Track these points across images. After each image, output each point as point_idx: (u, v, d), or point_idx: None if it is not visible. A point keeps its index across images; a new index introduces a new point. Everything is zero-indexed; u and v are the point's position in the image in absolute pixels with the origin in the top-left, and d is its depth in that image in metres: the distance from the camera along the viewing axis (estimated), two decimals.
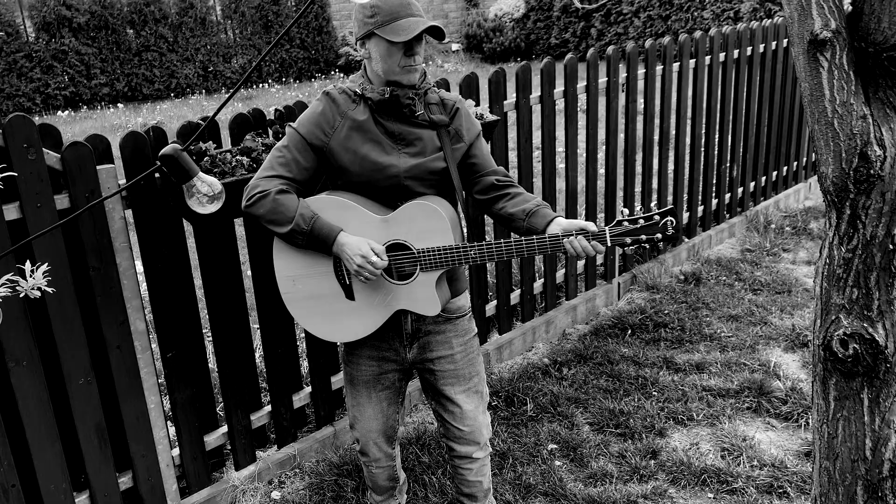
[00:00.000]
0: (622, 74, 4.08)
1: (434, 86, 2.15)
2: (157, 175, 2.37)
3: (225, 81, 15.82)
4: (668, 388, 3.44)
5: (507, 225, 2.13)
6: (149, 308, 3.51)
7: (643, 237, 1.95)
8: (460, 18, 18.01)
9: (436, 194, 2.11)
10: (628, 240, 1.96)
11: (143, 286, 3.92)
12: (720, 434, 3.11)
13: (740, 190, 5.29)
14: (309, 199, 2.05)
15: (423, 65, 2.09)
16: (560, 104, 5.95)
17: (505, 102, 3.46)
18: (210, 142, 2.38)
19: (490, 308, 3.75)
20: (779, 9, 13.04)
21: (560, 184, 5.19)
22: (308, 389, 3.06)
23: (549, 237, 1.97)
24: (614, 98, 4.03)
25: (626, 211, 1.98)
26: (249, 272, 2.75)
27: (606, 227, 1.95)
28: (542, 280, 3.97)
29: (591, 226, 1.96)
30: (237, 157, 2.38)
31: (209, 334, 3.80)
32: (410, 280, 2.05)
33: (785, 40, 5.25)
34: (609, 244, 1.96)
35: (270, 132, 2.58)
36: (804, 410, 3.18)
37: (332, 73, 17.34)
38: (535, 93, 3.64)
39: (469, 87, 3.25)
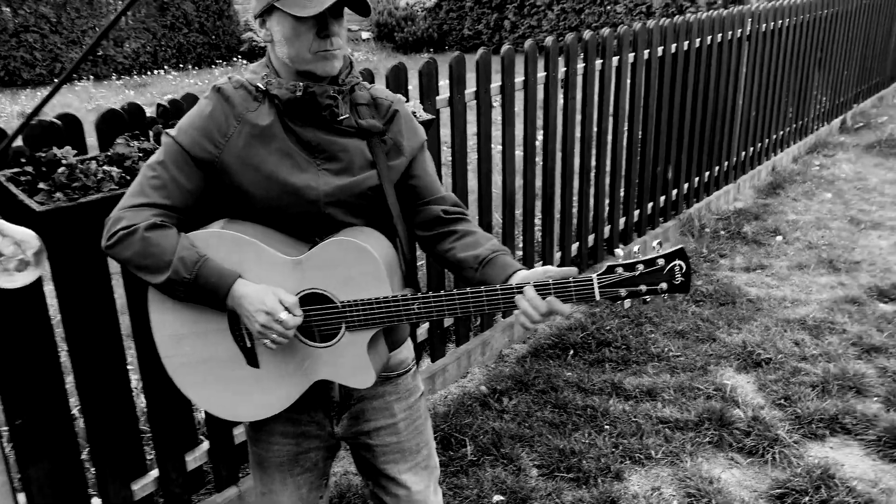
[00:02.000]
0: (561, 69, 3.70)
1: (363, 80, 1.66)
2: None
3: (116, 67, 14.68)
4: (621, 419, 3.08)
5: (452, 271, 1.65)
6: None
7: (643, 288, 1.48)
8: (370, 6, 17.40)
9: (366, 224, 1.64)
10: (623, 291, 1.49)
11: None
12: (682, 475, 2.76)
13: (674, 192, 5.03)
14: (194, 233, 1.53)
15: (347, 50, 1.60)
16: (496, 101, 5.53)
17: (437, 98, 3.00)
18: (67, 146, 1.82)
19: (422, 332, 3.30)
20: (690, 4, 13.11)
21: (496, 187, 4.77)
22: (205, 445, 2.52)
23: (516, 288, 1.49)
24: (553, 95, 3.64)
25: (620, 252, 1.52)
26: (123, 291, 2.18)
27: (594, 276, 1.48)
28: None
29: (572, 272, 1.51)
30: (105, 168, 1.83)
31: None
32: (334, 342, 1.56)
33: (720, 35, 5.01)
34: (598, 298, 1.50)
35: (151, 134, 2.02)
36: (770, 444, 2.89)
37: (235, 59, 16.42)
38: (471, 88, 3.20)
39: (397, 80, 2.78)
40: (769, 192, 6.06)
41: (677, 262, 1.48)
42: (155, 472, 2.38)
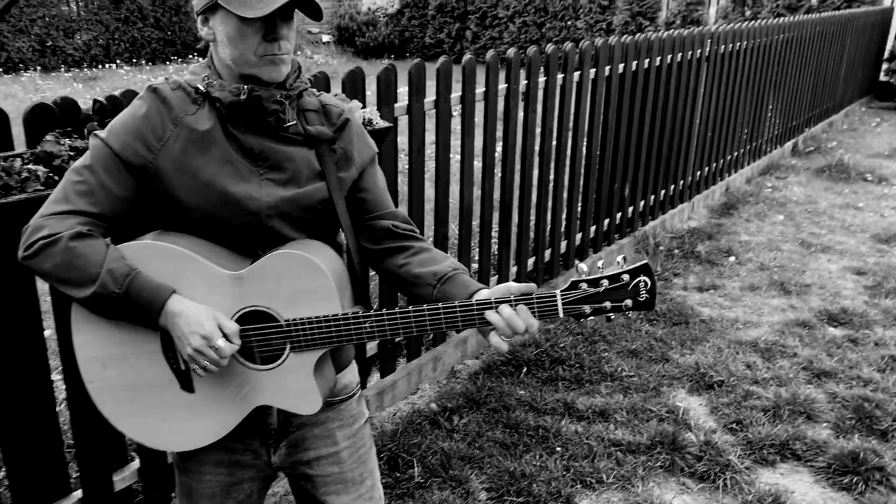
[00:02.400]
0: (522, 81, 3.64)
1: (312, 85, 1.55)
2: None
3: (66, 59, 14.23)
4: (573, 441, 3.02)
5: (405, 288, 1.54)
6: None
7: (607, 304, 1.41)
8: (332, 9, 17.24)
9: (314, 237, 1.53)
10: (587, 308, 1.42)
11: None
12: (633, 500, 2.71)
13: (630, 209, 5.02)
14: (124, 245, 1.40)
15: (296, 55, 1.48)
16: (456, 110, 5.45)
17: (396, 106, 2.90)
18: None
19: (372, 346, 3.19)
20: (648, 23, 13.28)
21: (454, 198, 4.67)
22: (136, 464, 2.37)
23: (477, 304, 1.41)
24: (514, 107, 3.57)
25: (585, 267, 1.44)
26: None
27: (558, 292, 1.41)
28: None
29: (532, 287, 1.42)
30: (30, 167, 1.69)
31: None
32: (277, 364, 1.45)
33: (679, 54, 5.03)
34: (562, 315, 1.42)
35: (85, 132, 1.88)
36: (721, 469, 2.85)
37: (191, 57, 16.09)
38: (430, 96, 3.11)
39: (354, 85, 2.67)
40: (723, 212, 6.10)
41: (642, 277, 1.42)
42: (79, 494, 2.22)
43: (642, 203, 5.13)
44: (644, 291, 1.42)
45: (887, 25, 10.86)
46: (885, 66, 11.29)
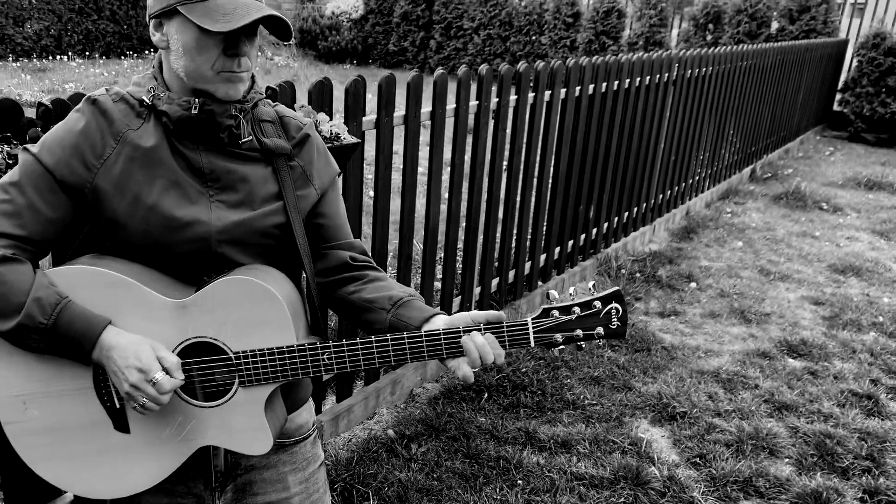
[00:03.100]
0: (493, 99, 3.55)
1: (278, 96, 1.42)
2: None
3: (15, 48, 13.72)
4: (534, 473, 2.92)
5: (356, 315, 1.43)
6: None
7: (579, 332, 1.35)
8: (294, 12, 16.99)
9: (267, 264, 1.40)
10: (559, 336, 1.35)
11: None
12: None
13: (594, 231, 4.97)
14: (54, 270, 1.26)
15: (254, 70, 1.36)
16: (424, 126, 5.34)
17: (364, 119, 2.78)
18: None
19: None
20: (612, 43, 13.39)
21: (418, 220, 4.51)
22: (69, 496, 2.19)
23: (444, 333, 1.31)
24: (484, 125, 3.48)
25: (555, 294, 1.37)
26: None
27: (528, 319, 1.34)
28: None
29: (501, 315, 1.33)
30: None
31: None
32: (223, 400, 1.32)
33: (648, 77, 5.01)
34: (532, 344, 1.34)
35: (28, 138, 1.72)
36: None
37: (147, 52, 15.67)
38: (399, 111, 3.00)
39: (321, 97, 2.55)
40: (683, 237, 6.11)
41: (614, 304, 1.37)
42: None
43: (606, 225, 5.09)
44: (616, 319, 1.37)
45: (842, 57, 11.13)
46: (838, 96, 11.56)
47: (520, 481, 2.87)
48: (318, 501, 1.53)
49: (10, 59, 13.48)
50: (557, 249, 4.56)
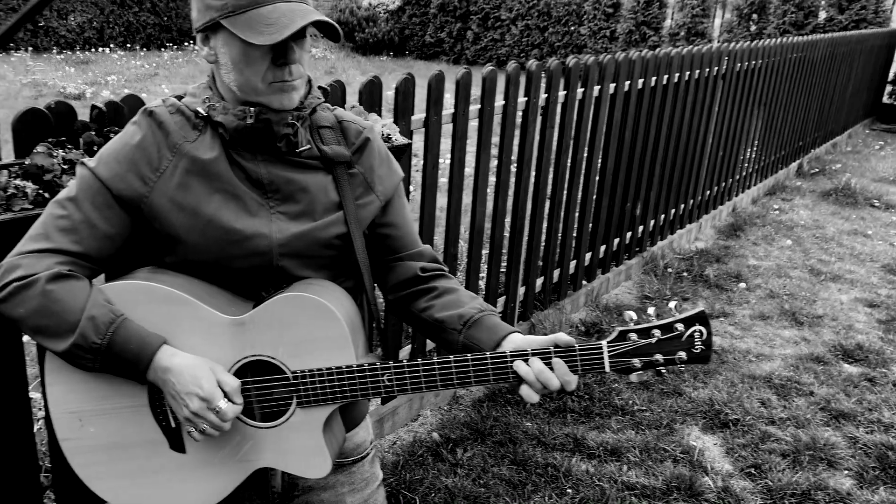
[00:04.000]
0: (542, 95, 3.47)
1: (327, 97, 1.36)
2: None
3: (58, 40, 13.94)
4: (584, 482, 2.85)
5: (430, 335, 1.38)
6: None
7: (659, 357, 1.26)
8: (331, 3, 16.99)
9: (328, 278, 1.35)
10: (637, 362, 1.26)
11: None
12: None
13: (640, 229, 4.86)
14: (109, 285, 1.22)
15: (306, 76, 1.29)
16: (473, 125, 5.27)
17: (413, 119, 2.72)
18: None
19: None
20: (653, 33, 13.15)
21: (465, 220, 4.41)
22: None
23: (510, 355, 1.25)
24: (532, 122, 3.40)
25: (634, 315, 1.29)
26: None
27: (603, 343, 1.26)
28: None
29: (572, 341, 1.25)
30: (18, 182, 1.49)
31: None
32: (281, 421, 1.27)
33: (697, 70, 4.87)
34: (608, 369, 1.26)
35: (81, 142, 1.69)
36: None
37: (186, 44, 15.82)
38: (447, 109, 2.93)
39: (371, 96, 2.49)
40: (730, 234, 5.96)
41: (697, 327, 1.27)
42: None
43: (652, 223, 4.97)
44: (699, 342, 1.27)
45: (893, 48, 10.79)
46: (889, 88, 11.22)
47: (569, 490, 2.80)
48: None
49: (55, 51, 13.70)
50: (603, 248, 4.47)
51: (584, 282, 4.36)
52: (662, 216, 5.09)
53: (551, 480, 2.86)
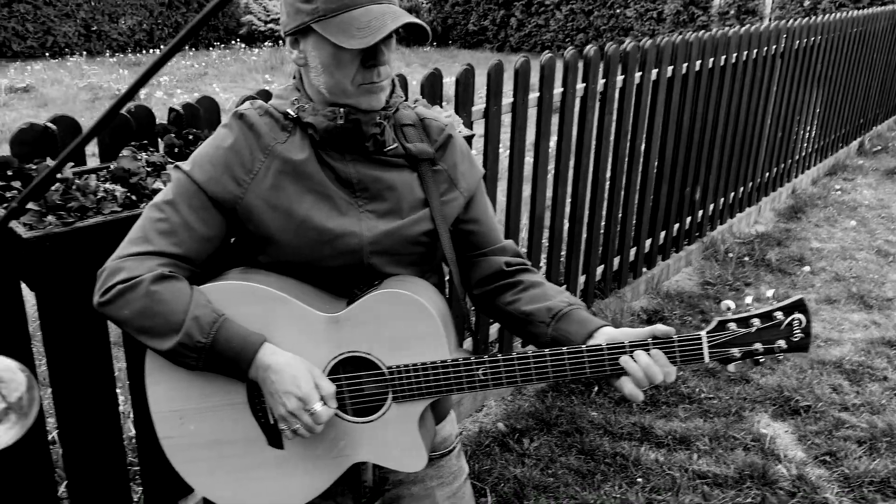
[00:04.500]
0: (600, 80, 3.42)
1: (402, 96, 1.36)
2: None
3: (111, 43, 14.28)
4: (653, 471, 2.83)
5: (516, 327, 1.38)
6: None
7: (759, 347, 1.25)
8: (428, 30, 17.01)
9: (415, 274, 1.36)
10: (736, 352, 1.25)
11: None
12: None
13: (699, 214, 4.78)
14: (207, 286, 1.24)
15: (392, 76, 1.30)
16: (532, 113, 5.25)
17: (473, 109, 2.72)
18: (72, 163, 1.53)
19: None
20: (701, 13, 12.87)
21: (525, 209, 4.40)
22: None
23: (608, 349, 1.25)
24: (591, 108, 3.36)
25: (732, 305, 1.27)
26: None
27: (703, 333, 1.24)
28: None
29: (670, 331, 1.24)
30: (107, 185, 1.54)
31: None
32: (377, 416, 1.29)
33: (755, 50, 4.76)
34: (707, 360, 1.25)
35: (162, 144, 1.73)
36: None
37: (233, 43, 16.05)
38: (507, 98, 2.92)
39: (433, 90, 2.50)
40: (790, 217, 5.82)
41: (797, 315, 1.26)
42: None
43: (711, 207, 4.88)
44: (799, 330, 1.26)
45: None
46: None
47: (639, 479, 2.78)
48: None
49: (107, 54, 14.02)
50: (663, 234, 4.41)
51: (644, 269, 4.31)
52: (721, 200, 4.99)
53: (620, 469, 2.84)
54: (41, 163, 1.49)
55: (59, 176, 1.48)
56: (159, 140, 1.75)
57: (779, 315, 1.24)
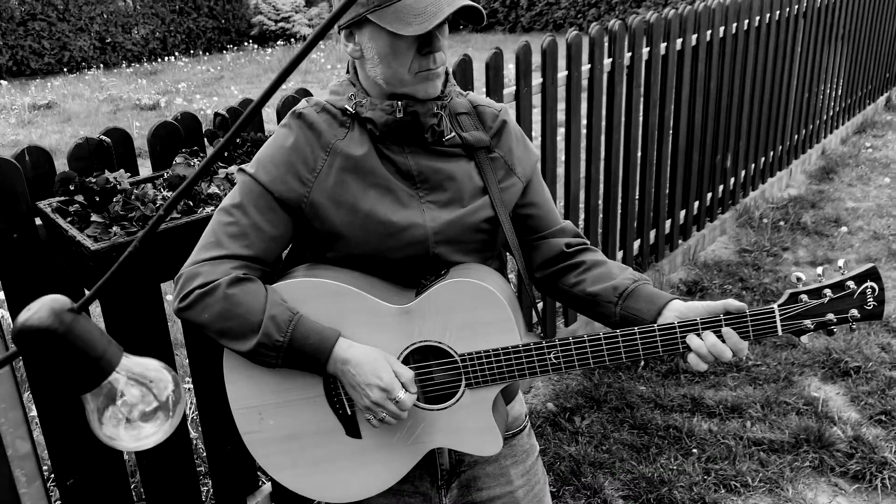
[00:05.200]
0: (626, 54, 3.40)
1: (455, 84, 1.37)
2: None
3: (125, 54, 14.40)
4: (708, 441, 2.83)
5: (583, 308, 1.38)
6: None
7: (831, 317, 1.25)
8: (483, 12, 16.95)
9: (478, 261, 1.37)
10: (809, 323, 1.25)
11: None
12: None
13: (731, 182, 4.74)
14: (279, 284, 1.27)
15: (446, 63, 1.31)
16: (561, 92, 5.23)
17: (504, 92, 2.72)
18: (121, 169, 1.56)
19: None
20: None
21: (559, 189, 4.41)
22: (267, 488, 2.28)
23: (679, 327, 1.25)
24: (619, 82, 3.35)
25: (802, 276, 1.27)
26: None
27: (775, 306, 1.25)
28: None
29: (743, 306, 1.25)
30: (165, 193, 1.57)
31: None
32: (451, 402, 1.31)
33: (777, 11, 4.69)
34: (780, 332, 1.26)
35: (211, 149, 1.76)
36: (878, 467, 2.63)
37: (246, 44, 16.11)
38: (537, 79, 2.92)
39: (465, 75, 2.50)
40: (822, 178, 5.75)
41: (869, 283, 1.26)
42: None
43: (742, 173, 4.84)
44: (871, 299, 1.26)
45: None
46: None
47: (694, 450, 2.79)
48: (541, 493, 1.51)
49: (123, 65, 14.15)
50: (696, 204, 4.38)
51: (680, 241, 4.29)
52: (752, 166, 4.95)
53: (674, 442, 2.84)
54: (100, 175, 1.52)
55: (119, 187, 1.51)
56: (207, 144, 1.78)
57: (851, 284, 1.24)
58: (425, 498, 1.44)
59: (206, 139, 1.78)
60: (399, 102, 1.25)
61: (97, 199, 1.47)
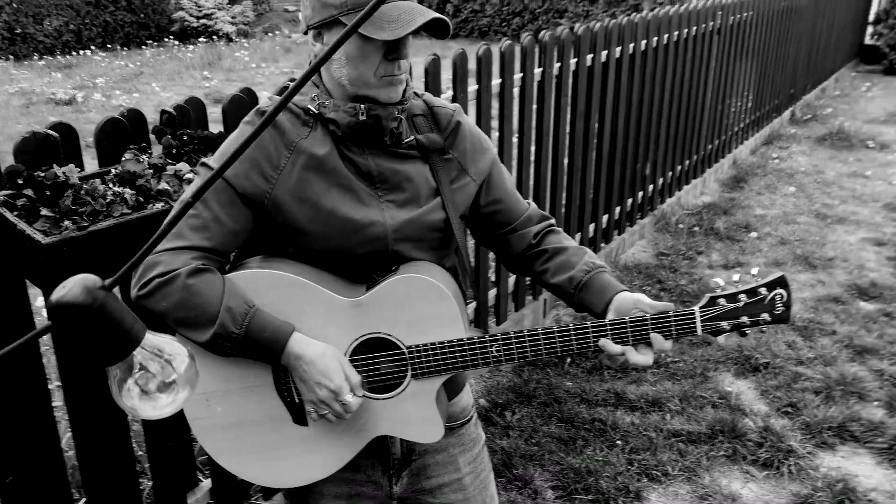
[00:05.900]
0: (556, 64, 3.54)
1: (413, 88, 1.44)
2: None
3: (37, 46, 13.80)
4: (631, 433, 2.98)
5: (555, 294, 1.49)
6: None
7: (745, 320, 1.38)
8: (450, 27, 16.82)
9: (435, 258, 1.44)
10: (726, 325, 1.38)
11: None
12: (702, 491, 2.69)
13: (650, 188, 4.97)
14: (236, 275, 1.31)
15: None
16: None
17: (441, 98, 2.80)
18: (70, 164, 1.56)
19: None
20: None
21: None
22: (207, 484, 2.28)
23: (610, 325, 1.35)
24: (548, 92, 3.48)
25: (721, 282, 1.41)
26: None
27: (696, 308, 1.37)
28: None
29: (669, 307, 1.36)
30: (115, 189, 1.58)
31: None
32: (396, 392, 1.37)
33: (694, 27, 4.95)
34: (700, 332, 1.38)
35: (161, 146, 1.77)
36: (784, 455, 2.83)
37: (166, 40, 15.68)
38: (472, 86, 3.01)
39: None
40: (733, 186, 6.08)
41: (779, 290, 1.39)
42: None
43: (660, 181, 5.08)
44: (780, 304, 1.40)
45: None
46: (870, 28, 11.33)
47: (619, 441, 2.93)
48: (486, 479, 1.59)
49: (35, 57, 13.56)
50: (618, 210, 4.57)
51: (602, 244, 4.47)
52: (669, 174, 5.20)
53: (599, 434, 2.99)
54: (48, 170, 1.52)
55: (70, 182, 1.52)
56: (154, 140, 1.79)
57: (763, 291, 1.37)
58: (377, 486, 1.50)
59: (153, 135, 1.79)
60: (362, 105, 1.30)
61: (48, 194, 1.47)
